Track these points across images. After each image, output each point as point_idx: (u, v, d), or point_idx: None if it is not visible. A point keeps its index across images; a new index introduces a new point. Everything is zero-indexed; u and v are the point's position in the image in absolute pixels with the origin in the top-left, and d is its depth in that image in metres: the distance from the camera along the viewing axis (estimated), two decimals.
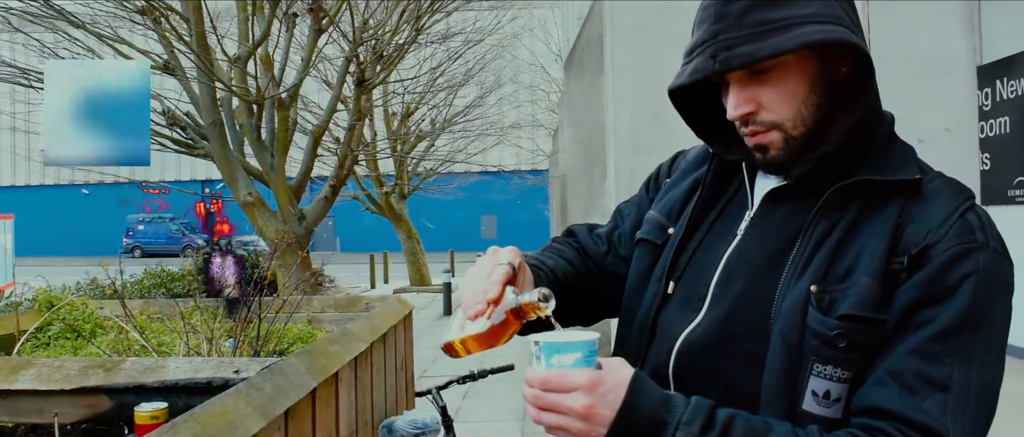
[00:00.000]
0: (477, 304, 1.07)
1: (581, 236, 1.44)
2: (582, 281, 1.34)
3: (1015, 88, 8.25)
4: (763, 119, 1.12)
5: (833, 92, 1.12)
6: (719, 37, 1.08)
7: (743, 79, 1.11)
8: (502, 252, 1.16)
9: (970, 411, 1.00)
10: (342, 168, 11.48)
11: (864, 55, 1.09)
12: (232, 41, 10.66)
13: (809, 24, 1.06)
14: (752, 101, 1.11)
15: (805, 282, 1.07)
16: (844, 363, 1.04)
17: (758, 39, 1.06)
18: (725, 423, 1.00)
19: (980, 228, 1.05)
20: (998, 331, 1.05)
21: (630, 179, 6.00)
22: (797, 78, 1.10)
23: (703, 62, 1.10)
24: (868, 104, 1.13)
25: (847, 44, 1.07)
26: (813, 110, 1.11)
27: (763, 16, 1.07)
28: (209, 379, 1.93)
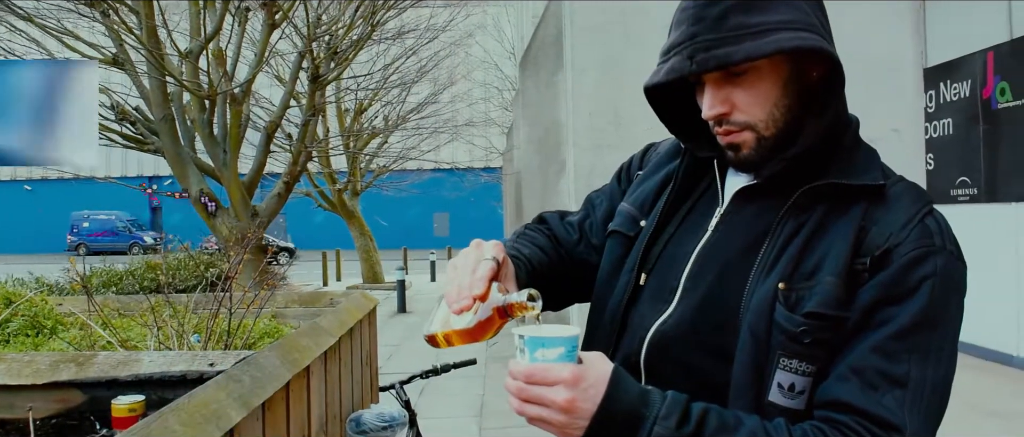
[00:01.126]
0: (463, 299, 1.09)
1: (553, 224, 1.47)
2: (553, 268, 1.37)
3: (957, 91, 8.51)
4: (736, 119, 1.16)
5: (804, 96, 1.17)
6: (697, 39, 1.12)
7: (719, 80, 1.16)
8: (486, 247, 1.18)
9: (925, 406, 1.06)
10: (296, 164, 11.38)
11: (835, 62, 1.14)
12: (183, 35, 10.49)
13: (784, 30, 1.10)
14: (726, 102, 1.16)
15: (773, 280, 1.12)
16: (809, 358, 1.09)
17: (735, 42, 1.10)
18: (699, 417, 1.04)
19: (938, 233, 1.11)
20: (952, 330, 1.11)
21: (589, 176, 6.07)
22: (770, 81, 1.15)
23: (680, 62, 1.14)
24: (836, 109, 1.18)
25: (820, 51, 1.12)
26: (784, 112, 1.16)
27: (740, 20, 1.11)
28: (183, 372, 1.93)
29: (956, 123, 8.46)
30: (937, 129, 8.75)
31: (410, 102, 19.64)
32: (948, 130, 8.59)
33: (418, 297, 17.14)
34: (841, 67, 1.14)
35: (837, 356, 1.09)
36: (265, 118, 12.64)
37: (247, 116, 10.80)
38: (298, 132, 11.99)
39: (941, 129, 8.69)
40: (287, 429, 1.86)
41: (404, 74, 17.46)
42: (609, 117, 5.69)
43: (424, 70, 18.38)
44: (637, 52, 5.97)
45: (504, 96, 27.90)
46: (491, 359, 8.69)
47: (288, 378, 1.84)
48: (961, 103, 8.35)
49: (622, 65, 6.01)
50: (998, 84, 7.84)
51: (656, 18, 6.57)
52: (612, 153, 5.54)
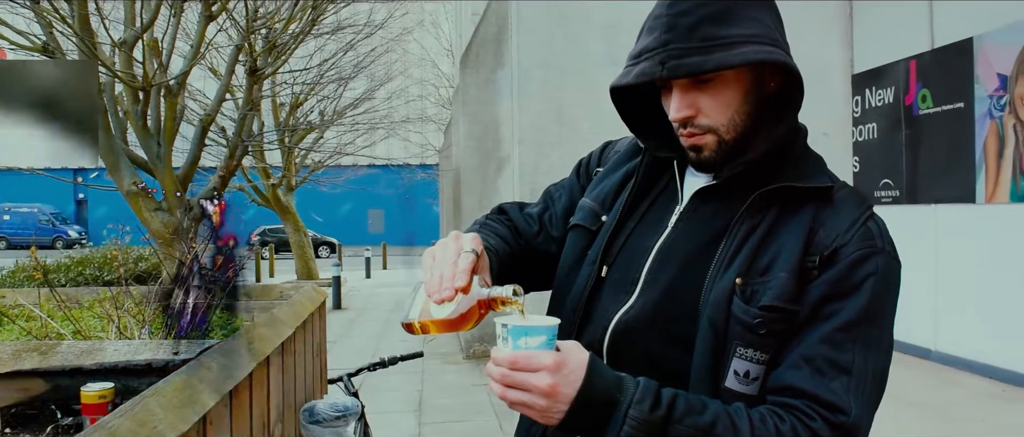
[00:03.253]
0: (446, 290, 1.15)
1: (513, 215, 1.55)
2: (515, 258, 1.44)
3: (882, 97, 8.85)
4: (701, 123, 1.26)
5: (762, 104, 1.27)
6: (669, 46, 1.21)
7: (686, 86, 1.25)
8: (465, 239, 1.23)
9: (867, 391, 1.18)
10: (232, 159, 11.21)
11: (796, 76, 1.24)
12: (117, 25, 10.24)
13: (751, 44, 1.20)
14: (692, 106, 1.25)
15: (731, 275, 1.22)
16: (763, 347, 1.20)
17: (705, 53, 1.19)
18: (669, 401, 1.13)
19: (879, 235, 1.22)
20: (889, 323, 1.23)
21: (533, 173, 6.18)
22: (734, 89, 1.25)
23: (651, 67, 1.22)
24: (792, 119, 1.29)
25: (780, 65, 1.22)
26: (744, 118, 1.26)
27: (711, 32, 1.20)
28: (148, 361, 1.95)
29: (881, 128, 8.81)
30: (863, 133, 9.09)
31: (347, 98, 19.49)
32: (873, 134, 8.93)
33: (354, 294, 17.04)
34: (801, 80, 1.24)
35: (788, 346, 1.20)
36: (200, 111, 12.41)
37: (182, 109, 10.60)
38: (235, 126, 11.81)
39: (867, 133, 9.03)
40: (250, 416, 1.90)
41: (341, 69, 17.31)
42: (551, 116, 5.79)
43: (361, 66, 18.24)
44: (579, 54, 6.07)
45: (441, 93, 27.86)
46: (429, 356, 8.73)
47: (252, 367, 1.88)
48: (885, 109, 8.69)
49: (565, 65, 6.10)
50: (920, 91, 8.18)
51: (598, 20, 6.70)
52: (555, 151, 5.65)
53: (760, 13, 1.25)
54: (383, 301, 15.94)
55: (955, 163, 7.64)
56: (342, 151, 21.12)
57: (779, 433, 1.14)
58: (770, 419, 1.15)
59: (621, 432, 1.11)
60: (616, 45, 1.73)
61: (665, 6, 1.24)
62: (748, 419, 1.15)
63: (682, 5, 1.22)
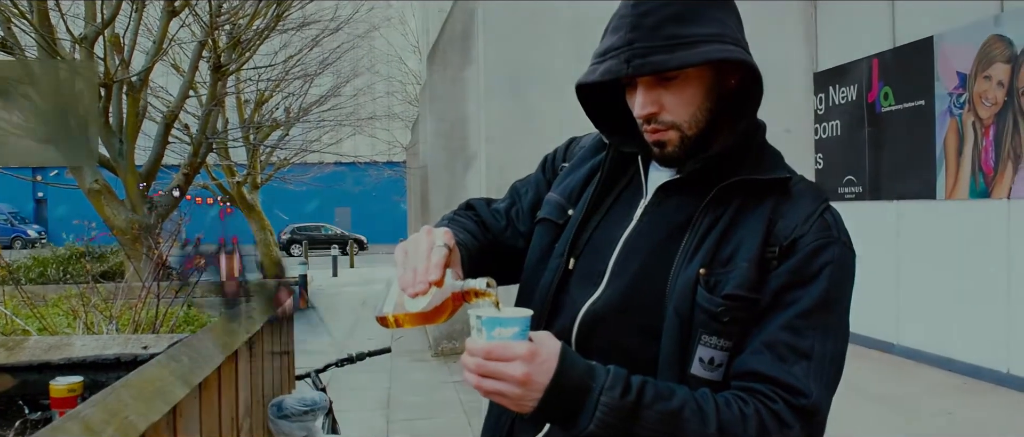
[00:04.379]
0: (420, 284, 1.17)
1: (480, 210, 1.57)
2: (483, 253, 1.45)
3: (845, 95, 8.97)
4: (664, 119, 1.29)
5: (722, 101, 1.31)
6: (634, 45, 1.24)
7: (650, 83, 1.28)
8: (437, 234, 1.25)
9: (826, 375, 1.22)
10: (196, 156, 11.10)
11: (755, 73, 1.28)
12: (77, 20, 10.08)
13: (713, 43, 1.24)
14: (656, 103, 1.28)
15: (695, 265, 1.25)
16: (726, 335, 1.23)
17: (669, 51, 1.22)
18: (639, 387, 1.15)
19: (834, 226, 1.27)
20: (846, 309, 1.28)
21: (500, 170, 6.19)
22: (696, 86, 1.28)
23: (617, 65, 1.25)
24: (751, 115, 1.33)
25: (740, 63, 1.26)
26: (706, 114, 1.30)
27: (674, 31, 1.23)
28: (117, 355, 1.93)
29: (844, 125, 8.94)
30: (826, 130, 9.22)
31: (313, 94, 19.36)
32: (837, 131, 9.06)
33: (320, 293, 16.96)
34: (760, 78, 1.28)
35: (751, 333, 1.23)
36: (163, 108, 12.27)
37: (144, 106, 10.46)
38: (199, 123, 11.69)
39: (830, 130, 9.15)
40: (219, 409, 1.90)
41: (306, 66, 17.19)
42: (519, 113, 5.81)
43: (327, 62, 18.14)
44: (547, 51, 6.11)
45: (408, 90, 27.77)
46: (397, 354, 8.72)
47: (221, 361, 1.88)
48: (848, 106, 8.82)
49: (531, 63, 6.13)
50: (882, 89, 8.31)
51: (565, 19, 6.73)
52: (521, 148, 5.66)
53: (721, 13, 1.28)
54: (350, 299, 15.89)
55: (916, 160, 7.77)
56: (308, 148, 20.97)
57: (743, 416, 1.17)
58: (734, 403, 1.18)
59: (593, 418, 1.13)
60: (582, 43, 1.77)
61: (630, 6, 1.27)
62: (714, 403, 1.18)
63: (646, 5, 1.25)
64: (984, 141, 6.92)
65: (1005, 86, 6.68)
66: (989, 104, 6.87)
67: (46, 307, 2.99)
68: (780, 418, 1.18)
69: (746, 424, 1.17)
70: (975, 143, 7.02)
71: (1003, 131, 6.72)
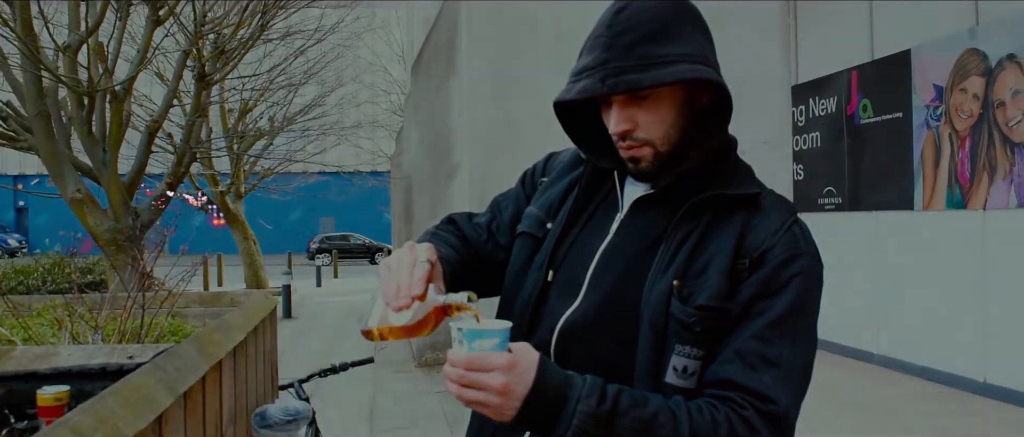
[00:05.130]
0: (403, 298, 1.21)
1: (462, 225, 1.61)
2: (465, 266, 1.49)
3: (825, 107, 9.07)
4: (638, 136, 1.34)
5: (695, 118, 1.36)
6: (609, 64, 1.29)
7: (625, 101, 1.33)
8: (420, 249, 1.29)
9: (795, 382, 1.27)
10: (180, 165, 11.08)
11: (725, 92, 1.33)
12: (62, 28, 10.07)
13: (684, 62, 1.29)
14: (630, 120, 1.33)
15: (669, 277, 1.29)
16: (699, 344, 1.27)
17: (642, 70, 1.27)
18: (614, 396, 1.20)
19: (803, 238, 1.32)
20: (814, 319, 1.32)
21: (483, 179, 6.22)
22: (668, 104, 1.33)
23: (592, 84, 1.30)
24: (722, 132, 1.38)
25: (710, 82, 1.31)
26: (678, 132, 1.34)
27: (648, 51, 1.28)
28: (103, 365, 1.95)
29: (824, 136, 9.03)
30: (806, 142, 9.31)
31: (296, 104, 19.35)
32: (816, 143, 9.16)
33: (304, 303, 16.90)
34: (730, 96, 1.34)
35: (722, 342, 1.28)
36: (146, 117, 12.25)
37: (128, 114, 10.45)
38: (183, 132, 11.67)
39: (810, 142, 9.25)
40: (203, 418, 1.92)
41: (291, 75, 17.18)
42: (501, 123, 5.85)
43: (311, 72, 18.14)
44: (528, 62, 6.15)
45: (392, 99, 27.77)
46: (380, 364, 8.72)
47: (205, 370, 1.91)
48: (828, 118, 8.92)
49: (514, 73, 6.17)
50: (861, 101, 8.42)
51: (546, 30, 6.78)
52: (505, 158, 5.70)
53: (693, 33, 1.33)
54: (334, 310, 15.85)
55: (894, 171, 7.87)
56: (292, 158, 20.95)
57: (715, 422, 1.21)
58: (706, 410, 1.23)
59: (570, 425, 1.17)
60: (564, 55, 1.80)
61: (605, 26, 1.32)
62: (686, 410, 1.22)
63: (621, 26, 1.30)
64: (960, 153, 7.03)
65: (980, 99, 6.80)
66: (965, 116, 6.98)
67: (31, 317, 3.01)
68: (750, 424, 1.22)
69: (717, 430, 1.21)
70: (951, 155, 7.13)
71: (978, 143, 6.82)
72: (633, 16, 1.30)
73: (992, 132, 6.68)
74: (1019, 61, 6.40)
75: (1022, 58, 6.38)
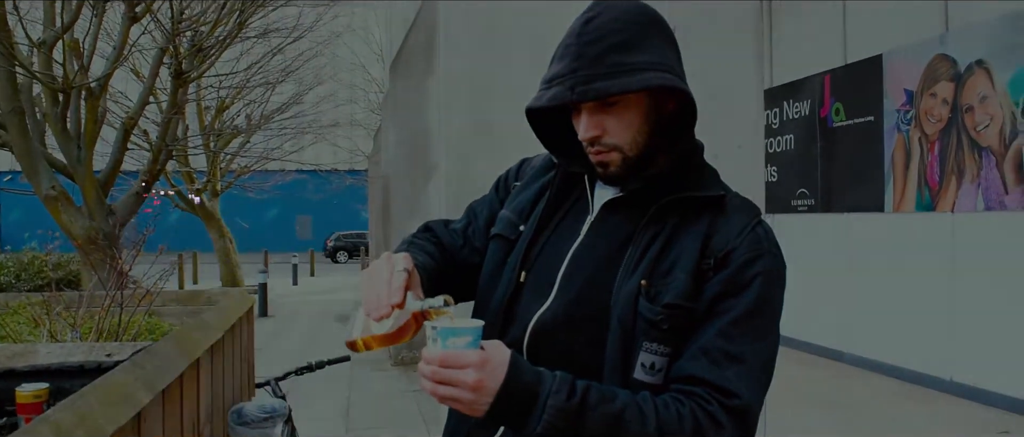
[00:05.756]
0: (383, 308, 1.26)
1: (438, 232, 1.65)
2: (442, 272, 1.53)
3: (798, 110, 9.18)
4: (607, 142, 1.39)
5: (661, 124, 1.41)
6: (578, 73, 1.34)
7: (594, 108, 1.38)
8: (397, 259, 1.34)
9: (757, 377, 1.32)
10: (156, 163, 11.01)
11: (690, 99, 1.38)
12: (36, 24, 9.97)
13: (651, 71, 1.34)
14: (599, 127, 1.38)
15: (637, 277, 1.35)
16: (666, 341, 1.33)
17: (610, 78, 1.32)
18: (583, 391, 1.25)
19: (765, 239, 1.37)
20: (776, 317, 1.38)
21: (460, 182, 6.22)
22: (635, 111, 1.38)
23: (562, 91, 1.35)
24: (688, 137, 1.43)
25: (675, 89, 1.36)
26: (645, 137, 1.40)
27: (615, 59, 1.33)
28: (81, 363, 1.97)
29: (797, 139, 9.14)
30: (780, 144, 9.42)
31: (274, 102, 19.26)
32: (790, 146, 9.27)
33: (281, 301, 16.84)
34: (694, 103, 1.39)
35: (688, 339, 1.33)
36: (122, 114, 12.16)
37: (104, 111, 10.37)
38: (159, 129, 11.60)
39: (784, 144, 9.36)
40: (181, 415, 1.95)
41: (268, 73, 17.10)
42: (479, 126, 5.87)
43: (289, 70, 18.06)
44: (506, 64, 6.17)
45: (371, 98, 27.70)
46: (357, 363, 8.73)
47: (183, 368, 1.94)
48: (801, 121, 9.04)
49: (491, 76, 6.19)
50: (834, 105, 8.53)
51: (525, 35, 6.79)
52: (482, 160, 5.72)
53: (659, 42, 1.38)
54: (310, 308, 15.82)
55: (866, 174, 7.99)
56: (269, 156, 20.86)
57: (680, 416, 1.27)
58: (672, 405, 1.28)
59: (541, 420, 1.22)
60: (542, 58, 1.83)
61: (575, 35, 1.37)
62: (653, 405, 1.27)
63: (590, 36, 1.35)
64: (929, 156, 7.15)
65: (949, 103, 6.92)
66: (934, 121, 7.10)
67: (8, 314, 3.01)
68: (714, 418, 1.27)
69: (682, 424, 1.26)
70: (921, 158, 7.25)
71: (947, 147, 6.95)
72: (602, 26, 1.35)
73: (961, 136, 6.80)
74: (987, 67, 6.53)
75: (990, 64, 6.50)
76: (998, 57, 6.43)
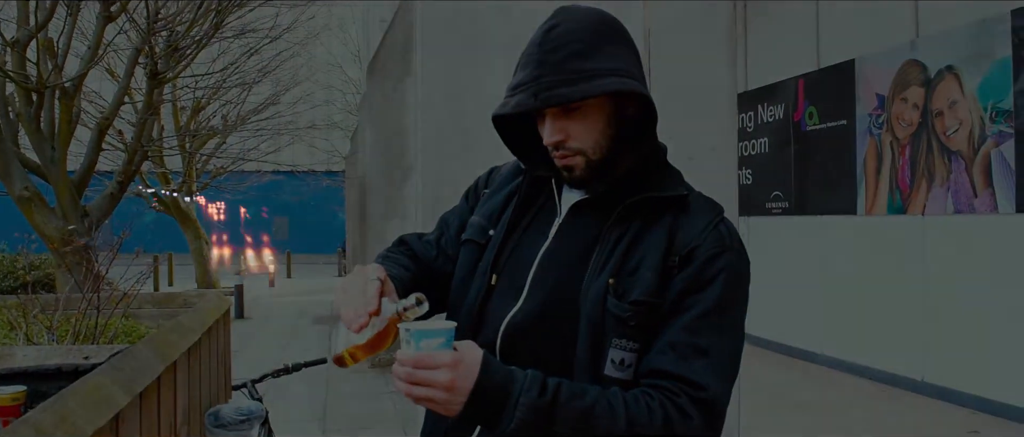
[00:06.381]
0: (360, 317, 1.29)
1: (412, 244, 1.70)
2: (417, 282, 1.56)
3: (773, 113, 9.28)
4: (570, 146, 1.44)
5: (623, 128, 1.46)
6: (540, 79, 1.39)
7: (557, 114, 1.43)
8: (369, 269, 1.39)
9: (724, 369, 1.37)
10: (131, 163, 10.92)
11: (650, 102, 1.43)
12: (10, 23, 9.87)
13: (611, 76, 1.39)
14: (563, 131, 1.43)
15: (605, 276, 1.39)
16: (634, 337, 1.37)
17: (572, 84, 1.37)
18: (554, 388, 1.29)
19: (728, 236, 1.42)
20: (741, 311, 1.43)
21: (437, 184, 6.24)
22: (597, 115, 1.43)
23: (526, 98, 1.40)
24: (650, 139, 1.48)
25: (637, 93, 1.41)
26: (608, 140, 1.45)
27: (576, 66, 1.38)
28: (58, 365, 1.98)
29: (771, 142, 9.24)
30: (755, 147, 9.51)
31: (251, 102, 19.15)
32: (764, 148, 9.36)
33: (257, 303, 16.76)
34: (654, 106, 1.44)
35: (656, 335, 1.38)
36: (97, 114, 12.05)
37: (78, 112, 10.28)
38: (134, 130, 11.52)
39: (758, 147, 9.45)
40: (158, 417, 1.96)
41: (245, 74, 16.99)
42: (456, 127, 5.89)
43: (266, 70, 17.96)
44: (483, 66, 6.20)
45: (348, 99, 27.61)
46: (332, 365, 8.71)
47: (160, 370, 1.95)
48: (776, 124, 9.13)
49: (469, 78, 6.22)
50: (807, 108, 8.63)
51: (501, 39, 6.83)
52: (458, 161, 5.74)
53: (618, 49, 1.44)
54: (287, 310, 15.76)
55: (839, 177, 8.09)
56: (245, 157, 20.73)
57: (650, 410, 1.31)
58: (642, 399, 1.32)
59: (514, 417, 1.26)
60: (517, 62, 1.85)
61: (537, 44, 1.42)
62: (623, 400, 1.32)
63: (552, 43, 1.40)
64: (901, 160, 7.26)
65: (920, 108, 7.03)
66: (905, 125, 7.21)
67: None
68: (683, 410, 1.32)
69: (652, 417, 1.30)
70: (892, 162, 7.36)
71: (918, 151, 7.06)
72: (563, 34, 1.40)
73: (931, 140, 6.91)
74: (957, 72, 6.64)
75: (959, 70, 6.61)
76: (967, 63, 6.54)
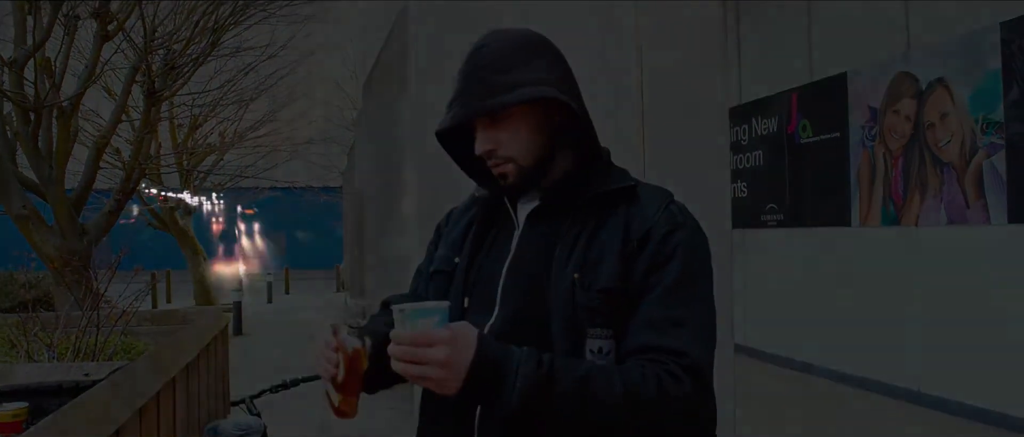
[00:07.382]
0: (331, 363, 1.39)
1: (393, 299, 1.77)
2: None
3: (767, 126, 9.31)
4: (501, 154, 1.52)
5: (553, 134, 1.53)
6: (465, 94, 1.48)
7: (485, 124, 1.51)
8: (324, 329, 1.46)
9: (702, 336, 1.45)
10: (128, 181, 10.95)
11: (572, 109, 1.50)
12: (7, 42, 9.92)
13: (528, 85, 1.47)
14: (492, 141, 1.52)
15: (569, 272, 1.46)
16: (608, 324, 1.43)
17: (491, 96, 1.47)
18: (549, 361, 1.34)
19: (680, 213, 1.51)
20: (706, 281, 1.51)
21: (433, 198, 6.32)
22: (522, 123, 1.51)
23: (456, 112, 1.49)
24: (587, 143, 1.55)
25: (556, 100, 1.48)
26: (538, 147, 1.53)
27: (498, 80, 1.47)
28: (59, 382, 2.01)
29: (765, 155, 9.27)
30: (750, 160, 9.55)
31: (247, 119, 19.20)
32: (759, 161, 9.39)
33: (255, 319, 16.74)
34: (576, 113, 1.50)
35: (630, 317, 1.44)
36: (94, 133, 12.09)
37: (76, 130, 10.32)
38: (131, 148, 11.54)
39: (753, 160, 9.49)
40: (158, 433, 1.99)
41: (242, 92, 17.04)
42: None
43: (263, 87, 18.01)
44: None
45: (345, 115, 27.66)
46: None
47: (160, 386, 1.98)
48: (770, 137, 9.16)
49: None
50: (801, 121, 8.67)
51: None
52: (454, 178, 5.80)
53: (537, 61, 1.52)
54: (285, 326, 15.74)
55: (833, 189, 8.10)
56: (243, 174, 20.77)
57: (644, 376, 1.36)
58: (635, 368, 1.38)
59: (515, 389, 1.30)
60: None
61: (466, 63, 1.51)
62: (617, 369, 1.38)
63: (475, 60, 1.50)
64: (894, 172, 7.29)
65: (912, 120, 7.06)
66: (898, 137, 7.24)
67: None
68: (674, 374, 1.37)
69: (646, 382, 1.36)
70: (886, 173, 7.38)
71: (911, 162, 7.09)
72: (487, 53, 1.50)
73: (923, 152, 6.94)
74: (948, 84, 6.68)
75: (950, 82, 6.65)
76: (959, 75, 6.58)
